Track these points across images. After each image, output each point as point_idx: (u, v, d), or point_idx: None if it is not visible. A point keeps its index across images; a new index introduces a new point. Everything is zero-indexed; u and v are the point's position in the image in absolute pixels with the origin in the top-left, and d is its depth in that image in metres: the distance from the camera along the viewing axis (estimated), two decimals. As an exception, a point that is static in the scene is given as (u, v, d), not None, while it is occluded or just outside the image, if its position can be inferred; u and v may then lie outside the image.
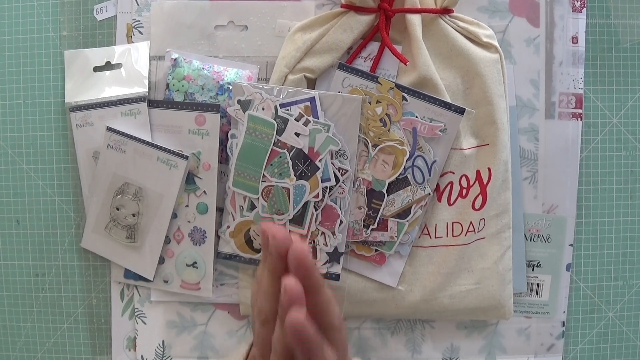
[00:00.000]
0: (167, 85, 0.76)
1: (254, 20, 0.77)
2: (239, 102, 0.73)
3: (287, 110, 0.72)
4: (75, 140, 0.77)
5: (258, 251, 0.75)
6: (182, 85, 0.75)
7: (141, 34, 0.78)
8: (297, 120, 0.72)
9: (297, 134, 0.72)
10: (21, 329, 0.81)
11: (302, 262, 0.50)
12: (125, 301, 0.79)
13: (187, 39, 0.77)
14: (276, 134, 0.72)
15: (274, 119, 0.72)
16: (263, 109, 0.72)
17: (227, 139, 0.74)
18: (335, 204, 0.73)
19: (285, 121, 0.72)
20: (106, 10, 0.79)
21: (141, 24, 0.78)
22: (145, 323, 0.79)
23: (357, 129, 0.72)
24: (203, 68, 0.76)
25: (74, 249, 0.80)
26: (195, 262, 0.76)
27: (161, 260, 0.77)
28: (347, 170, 0.72)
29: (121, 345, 0.80)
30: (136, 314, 0.79)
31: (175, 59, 0.76)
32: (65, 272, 0.80)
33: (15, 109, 0.80)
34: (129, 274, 0.78)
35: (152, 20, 0.78)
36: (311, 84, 0.75)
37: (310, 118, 0.72)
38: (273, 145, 0.72)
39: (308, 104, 0.72)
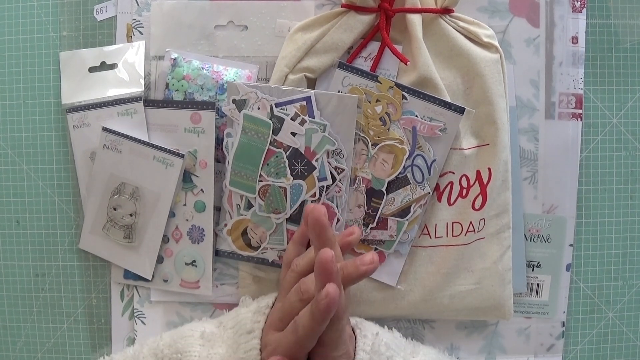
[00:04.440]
0: (167, 84, 0.76)
1: (254, 20, 0.77)
2: (233, 101, 0.73)
3: (283, 109, 0.72)
4: (72, 142, 0.78)
5: (256, 249, 0.75)
6: (182, 85, 0.75)
7: (141, 34, 0.78)
8: (292, 119, 0.72)
9: (293, 134, 0.72)
10: (21, 329, 0.81)
11: (317, 220, 0.62)
12: (125, 301, 0.79)
13: (187, 39, 0.77)
14: (272, 133, 0.72)
15: (270, 119, 0.72)
16: (258, 108, 0.72)
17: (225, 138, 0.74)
18: (332, 202, 0.73)
19: (281, 121, 0.72)
20: (106, 11, 0.79)
21: (141, 24, 0.78)
22: (144, 324, 0.79)
23: (354, 128, 0.72)
24: (202, 68, 0.76)
25: (74, 249, 0.80)
26: (194, 261, 0.76)
27: (160, 260, 0.77)
28: (343, 169, 0.72)
29: (121, 346, 0.79)
30: (135, 314, 0.79)
31: (174, 59, 0.76)
32: (65, 273, 0.80)
33: (15, 109, 0.80)
34: (128, 274, 0.78)
35: (151, 20, 0.78)
36: (311, 83, 0.75)
37: (306, 117, 0.72)
38: (269, 144, 0.72)
39: (304, 103, 0.72)
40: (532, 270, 0.79)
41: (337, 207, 0.73)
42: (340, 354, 0.64)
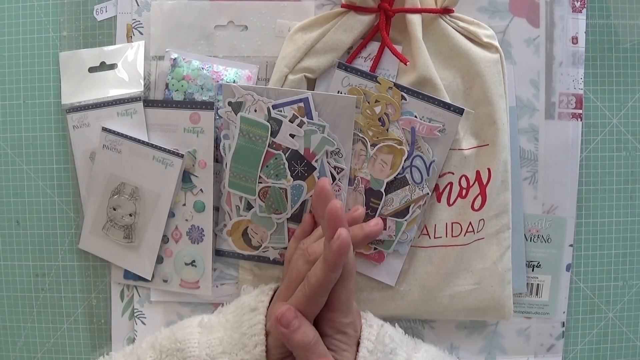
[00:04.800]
0: (167, 85, 0.76)
1: (254, 20, 0.77)
2: (229, 103, 0.73)
3: (280, 111, 0.72)
4: (72, 142, 0.78)
5: (256, 248, 0.75)
6: (182, 85, 0.75)
7: (141, 34, 0.78)
8: (291, 121, 0.72)
9: (292, 135, 0.72)
10: (21, 329, 0.81)
11: (323, 189, 0.64)
12: (125, 301, 0.79)
13: (186, 39, 0.77)
14: (270, 135, 0.72)
15: (267, 121, 0.72)
16: (255, 110, 0.72)
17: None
18: (332, 201, 0.73)
19: (278, 123, 0.72)
20: (106, 11, 0.79)
21: (141, 24, 0.78)
22: (144, 324, 0.79)
23: (352, 128, 0.72)
24: (202, 68, 0.76)
25: (74, 249, 0.80)
26: (194, 261, 0.76)
27: (160, 260, 0.77)
28: (343, 169, 0.72)
29: (121, 346, 0.79)
30: (135, 314, 0.79)
31: (174, 59, 0.76)
32: (65, 273, 0.80)
33: (15, 109, 0.80)
34: (128, 274, 0.78)
35: (151, 20, 0.78)
36: (311, 83, 0.75)
37: (305, 119, 0.72)
38: (268, 146, 0.72)
39: (301, 104, 0.72)
40: (532, 270, 0.79)
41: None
42: (349, 321, 0.65)
